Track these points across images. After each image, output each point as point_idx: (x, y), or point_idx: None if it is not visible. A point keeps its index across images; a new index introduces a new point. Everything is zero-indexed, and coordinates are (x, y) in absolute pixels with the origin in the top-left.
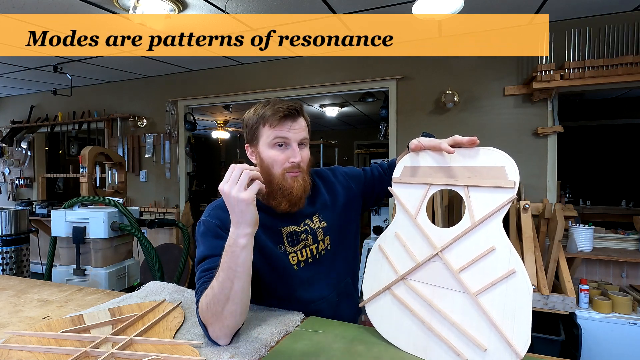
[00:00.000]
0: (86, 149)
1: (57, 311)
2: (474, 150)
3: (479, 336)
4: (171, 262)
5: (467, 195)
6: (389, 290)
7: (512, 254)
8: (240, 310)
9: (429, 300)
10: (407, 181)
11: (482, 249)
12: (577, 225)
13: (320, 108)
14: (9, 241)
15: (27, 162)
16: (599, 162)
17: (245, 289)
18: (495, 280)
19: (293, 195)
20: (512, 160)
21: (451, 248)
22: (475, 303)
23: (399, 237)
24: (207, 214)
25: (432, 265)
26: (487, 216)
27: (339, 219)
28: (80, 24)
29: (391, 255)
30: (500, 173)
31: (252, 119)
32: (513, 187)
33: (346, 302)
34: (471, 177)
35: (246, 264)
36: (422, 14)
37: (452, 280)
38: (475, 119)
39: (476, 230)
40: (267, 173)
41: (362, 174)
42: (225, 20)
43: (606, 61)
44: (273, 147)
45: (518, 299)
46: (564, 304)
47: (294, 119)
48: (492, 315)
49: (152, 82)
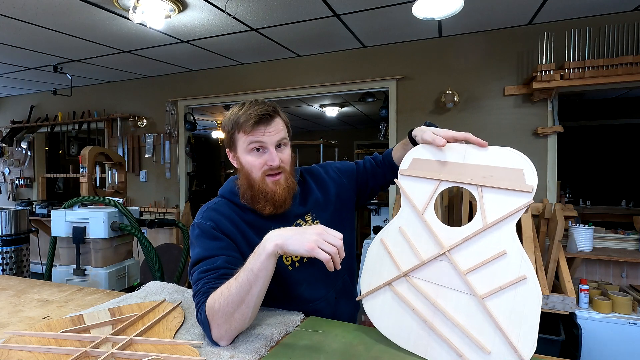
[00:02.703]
0: (86, 149)
1: (57, 311)
2: (491, 149)
3: (482, 339)
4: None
5: (480, 196)
6: (389, 286)
7: (523, 260)
8: (250, 316)
9: (432, 300)
10: (416, 174)
11: (493, 252)
12: (577, 225)
13: (320, 108)
14: (9, 241)
15: (27, 162)
16: (599, 162)
17: (260, 296)
18: (505, 285)
19: (276, 199)
20: (531, 163)
21: (460, 248)
22: (482, 306)
23: (404, 232)
24: (200, 217)
25: (438, 264)
26: (501, 219)
27: (332, 216)
28: (80, 24)
29: (393, 250)
30: (517, 176)
31: (228, 125)
32: (531, 192)
33: (345, 300)
34: (486, 177)
35: (267, 269)
36: (422, 14)
37: (459, 281)
38: (475, 119)
39: (488, 233)
40: (248, 178)
41: (354, 168)
42: (225, 21)
43: (606, 61)
44: (250, 152)
45: (527, 305)
46: (564, 304)
47: (268, 122)
48: (498, 319)
49: (152, 82)
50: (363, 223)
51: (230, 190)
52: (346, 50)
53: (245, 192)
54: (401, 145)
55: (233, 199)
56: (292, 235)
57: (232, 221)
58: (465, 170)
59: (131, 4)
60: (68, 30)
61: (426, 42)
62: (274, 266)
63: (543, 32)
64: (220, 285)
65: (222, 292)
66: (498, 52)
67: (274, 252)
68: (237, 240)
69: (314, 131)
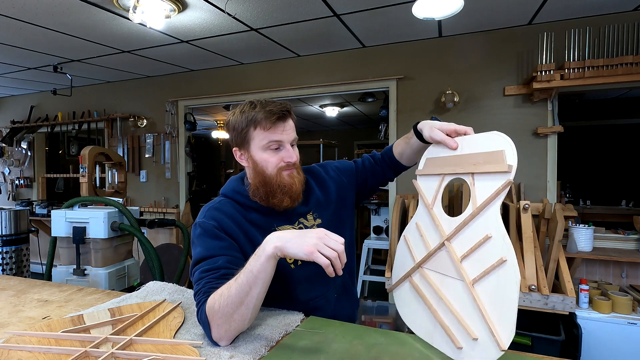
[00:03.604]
0: (86, 149)
1: (57, 311)
2: (479, 136)
3: (472, 325)
4: (171, 262)
5: (472, 183)
6: (408, 277)
7: (504, 243)
8: (250, 317)
9: (436, 289)
10: (427, 172)
11: (480, 237)
12: (577, 225)
13: (320, 108)
14: (9, 241)
15: (27, 162)
16: (599, 162)
17: (259, 297)
18: (488, 268)
19: (293, 191)
20: (512, 143)
21: (456, 237)
22: (470, 292)
23: (419, 226)
24: (202, 216)
25: (440, 253)
26: (485, 203)
27: (333, 216)
28: (80, 24)
29: (412, 244)
30: (499, 157)
31: (241, 122)
32: (509, 172)
33: (345, 299)
34: (476, 164)
35: (267, 271)
36: (422, 14)
37: (454, 269)
38: (475, 119)
39: (477, 219)
40: (262, 174)
41: (353, 167)
42: (225, 21)
43: (606, 61)
44: (266, 149)
45: (507, 289)
46: (564, 304)
47: (285, 120)
48: (482, 305)
49: (152, 82)
50: (363, 223)
51: (233, 189)
52: (346, 50)
53: (258, 189)
54: (404, 139)
55: (236, 198)
56: (292, 238)
57: (234, 220)
58: (461, 161)
59: (131, 4)
60: (68, 30)
61: (426, 42)
62: (273, 268)
63: (543, 32)
64: (221, 286)
65: (222, 293)
66: (498, 52)
67: (273, 255)
68: (240, 240)
69: (314, 131)
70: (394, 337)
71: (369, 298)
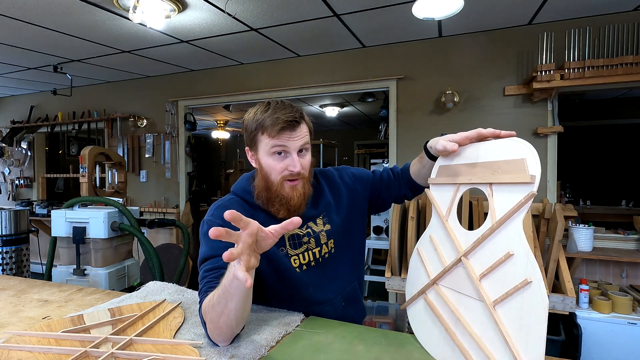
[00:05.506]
0: (86, 149)
1: (57, 311)
2: (498, 142)
3: (494, 351)
4: (171, 262)
5: (490, 194)
6: (423, 294)
7: (529, 262)
8: (235, 324)
9: (454, 308)
10: (440, 182)
11: (501, 253)
12: (577, 225)
13: (320, 108)
14: (9, 241)
15: (27, 162)
16: (599, 162)
17: (239, 309)
18: (511, 290)
19: (291, 205)
20: (534, 151)
21: (474, 252)
22: (491, 314)
23: (433, 240)
24: (210, 214)
25: (457, 270)
26: (506, 217)
27: (343, 222)
28: (80, 24)
29: (426, 259)
30: (520, 166)
31: (251, 125)
32: (532, 183)
33: (352, 307)
34: (495, 172)
35: (239, 288)
36: (422, 14)
37: (473, 288)
38: (475, 119)
39: (497, 233)
40: (266, 180)
41: (370, 177)
42: (225, 21)
43: (606, 61)
44: (272, 155)
45: (532, 313)
46: (564, 304)
47: (294, 128)
48: (506, 329)
49: (152, 82)
50: None
51: (243, 188)
52: (346, 50)
53: (260, 193)
54: (418, 159)
55: (246, 197)
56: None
57: None
58: (477, 170)
59: (131, 4)
60: (68, 30)
61: (426, 42)
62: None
63: (543, 32)
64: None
65: (211, 299)
66: (498, 52)
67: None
68: None
69: (314, 131)
70: (394, 337)
71: (369, 298)
